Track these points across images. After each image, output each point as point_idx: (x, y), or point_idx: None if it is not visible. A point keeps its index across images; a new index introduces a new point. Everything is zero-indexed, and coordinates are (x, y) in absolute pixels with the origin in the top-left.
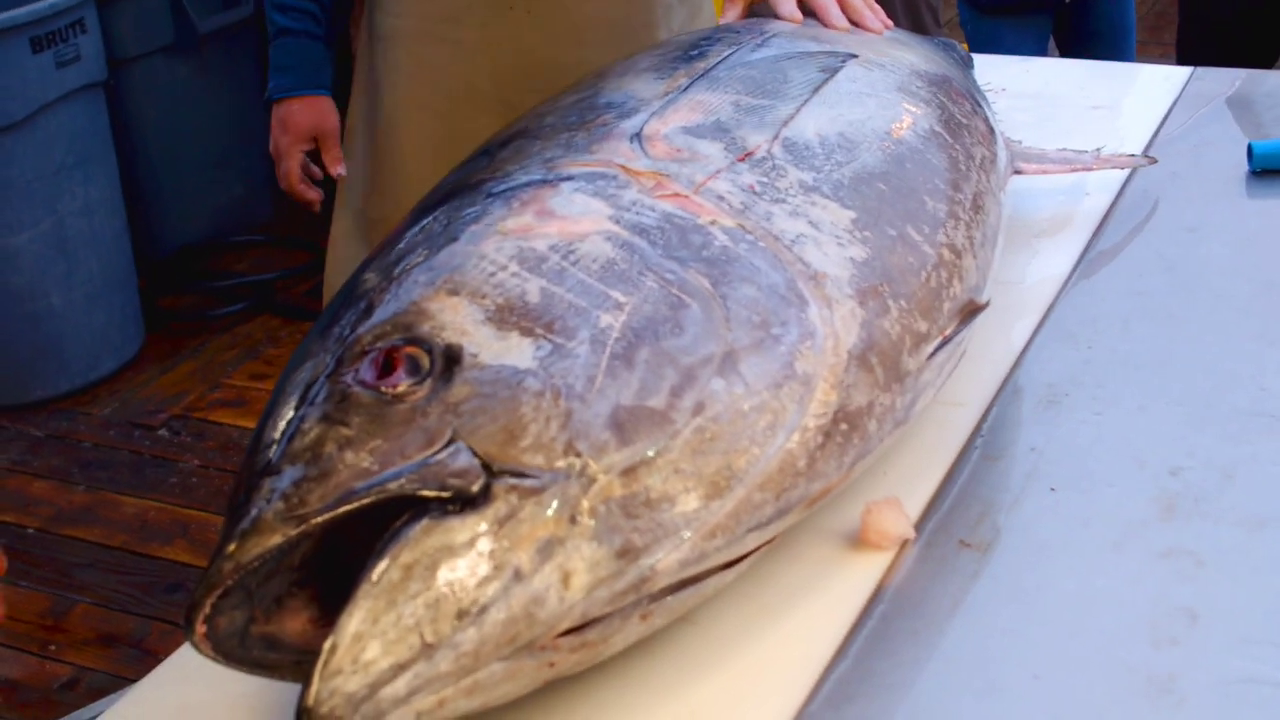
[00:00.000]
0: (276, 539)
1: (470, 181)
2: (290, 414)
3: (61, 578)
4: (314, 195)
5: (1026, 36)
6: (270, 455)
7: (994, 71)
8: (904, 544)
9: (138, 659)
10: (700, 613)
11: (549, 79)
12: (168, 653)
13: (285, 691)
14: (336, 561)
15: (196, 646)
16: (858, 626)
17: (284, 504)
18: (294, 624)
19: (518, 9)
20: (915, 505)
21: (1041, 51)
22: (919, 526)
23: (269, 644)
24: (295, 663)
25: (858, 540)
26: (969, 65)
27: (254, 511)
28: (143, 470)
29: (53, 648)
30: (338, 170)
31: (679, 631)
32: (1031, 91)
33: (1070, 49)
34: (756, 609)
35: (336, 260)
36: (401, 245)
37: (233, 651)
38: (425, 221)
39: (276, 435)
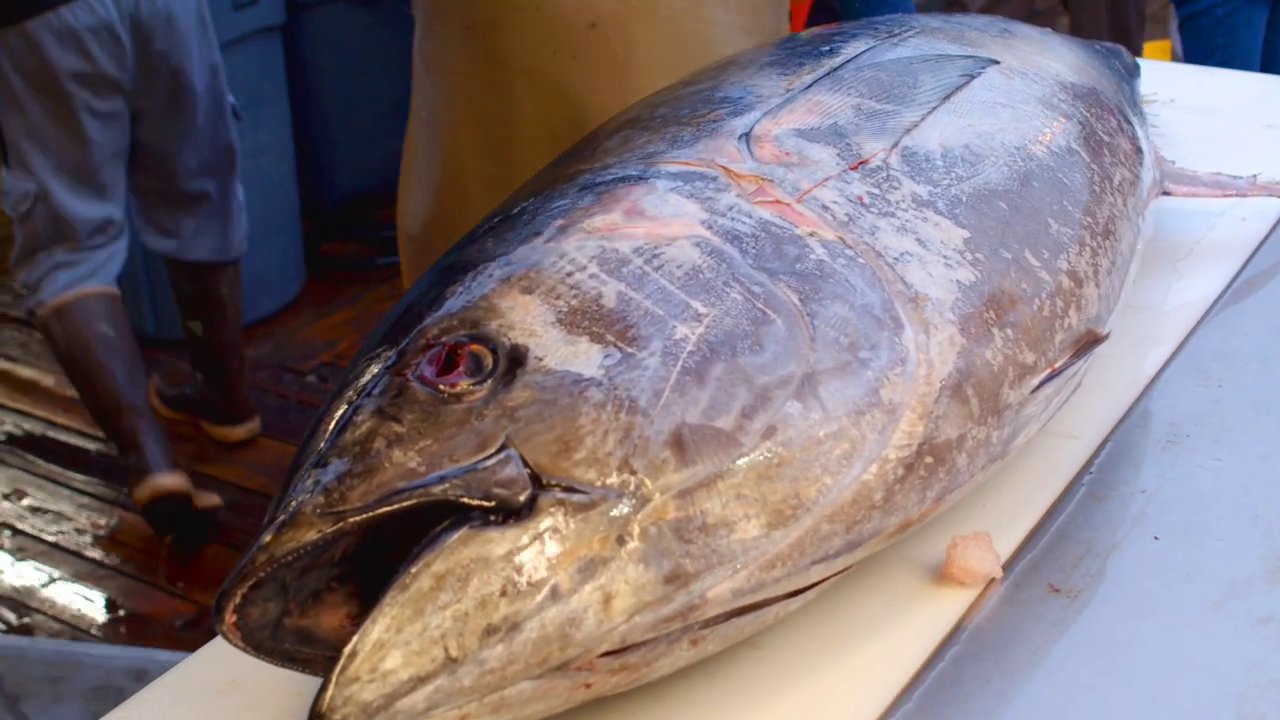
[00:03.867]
0: (312, 535)
1: (568, 171)
2: (347, 403)
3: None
4: None
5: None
6: (321, 444)
7: (1164, 81)
8: (990, 583)
9: None
10: (764, 637)
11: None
12: None
13: None
14: (382, 557)
15: (225, 636)
16: (927, 667)
17: (324, 499)
18: (331, 619)
19: (561, 53)
20: (1008, 542)
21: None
22: (1009, 566)
23: (302, 638)
24: (329, 659)
25: (941, 574)
26: (1134, 75)
27: (294, 504)
28: (287, 414)
29: (181, 584)
30: None
31: (739, 655)
32: (1202, 104)
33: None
34: (824, 638)
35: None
36: (486, 234)
37: (263, 643)
38: (514, 211)
39: (332, 424)
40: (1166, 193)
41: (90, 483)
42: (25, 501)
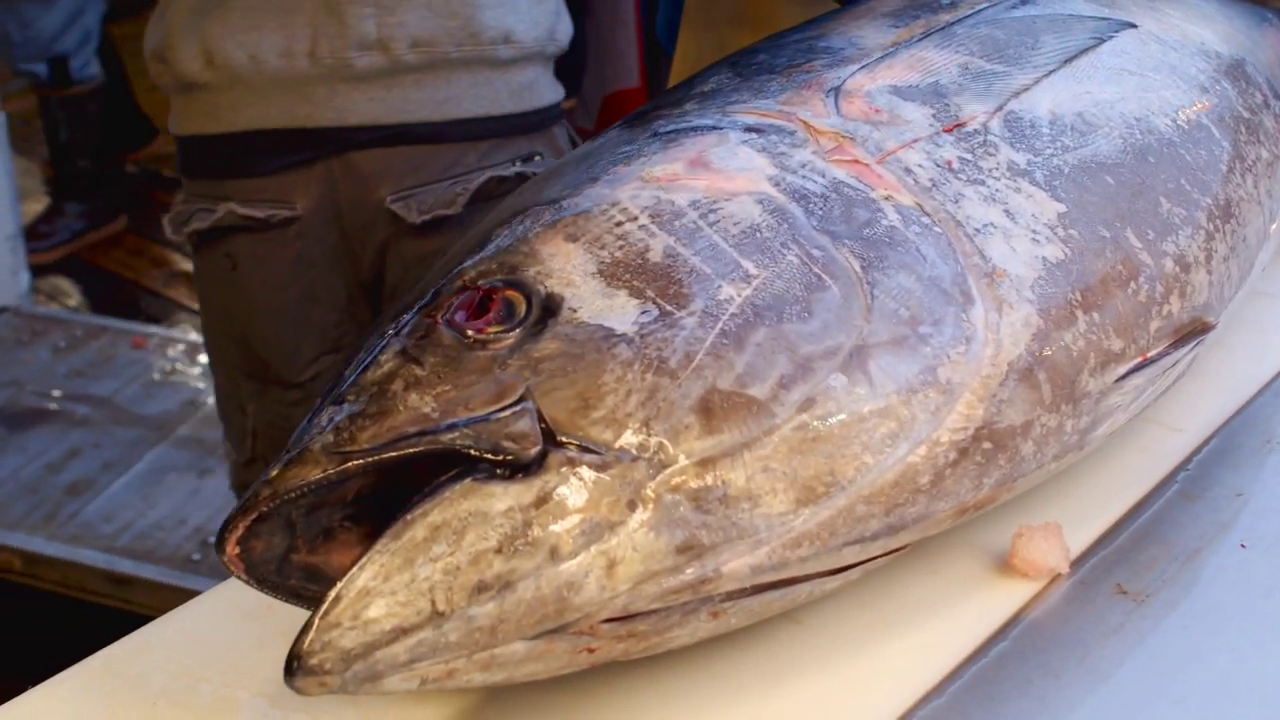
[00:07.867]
0: (316, 473)
1: (648, 115)
2: (377, 341)
3: None
4: None
5: None
6: (344, 380)
7: None
8: (1055, 578)
9: None
10: (806, 612)
11: None
12: None
13: None
14: (406, 499)
15: (227, 567)
16: (969, 662)
17: (334, 437)
18: (342, 559)
19: None
20: (1083, 536)
21: None
22: (1078, 562)
23: (310, 575)
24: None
25: (1005, 564)
26: None
27: (305, 440)
28: None
29: None
30: None
31: (777, 627)
32: None
33: None
34: (869, 619)
35: None
36: (550, 175)
37: (268, 577)
38: (583, 152)
39: (359, 358)
40: None
41: None
42: None
